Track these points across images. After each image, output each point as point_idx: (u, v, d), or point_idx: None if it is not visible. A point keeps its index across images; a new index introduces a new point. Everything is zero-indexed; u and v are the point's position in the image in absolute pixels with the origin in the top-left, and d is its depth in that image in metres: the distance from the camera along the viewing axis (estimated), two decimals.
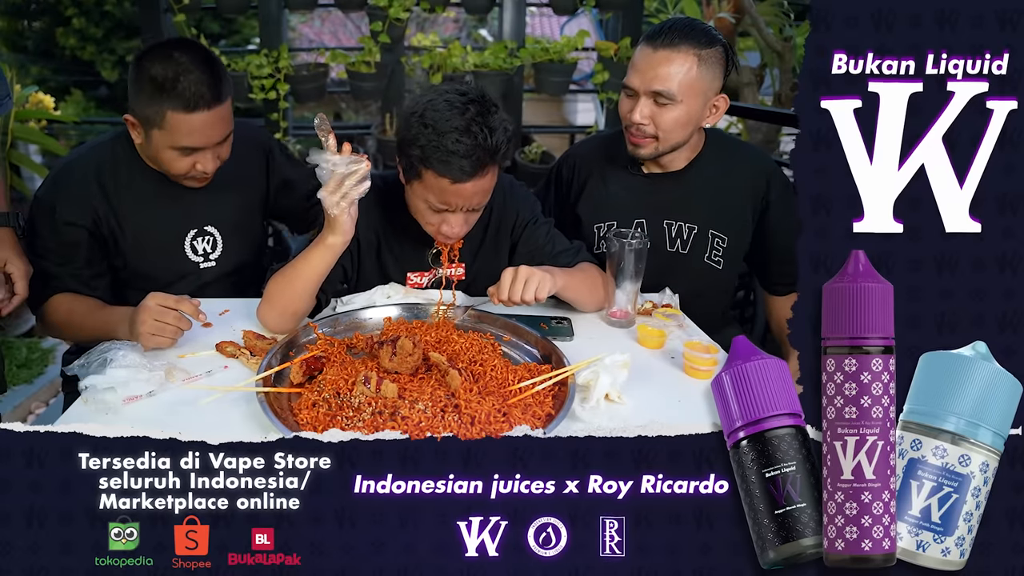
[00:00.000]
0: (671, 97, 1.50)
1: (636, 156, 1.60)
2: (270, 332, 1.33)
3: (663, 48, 1.50)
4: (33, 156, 3.80)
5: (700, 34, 1.51)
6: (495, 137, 1.25)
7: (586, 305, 1.47)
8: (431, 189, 1.28)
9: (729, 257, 1.66)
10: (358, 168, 1.21)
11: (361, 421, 1.01)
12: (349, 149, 1.22)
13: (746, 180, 1.64)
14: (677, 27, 1.52)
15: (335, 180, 1.21)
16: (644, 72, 1.51)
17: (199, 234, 1.55)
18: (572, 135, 4.55)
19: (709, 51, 1.51)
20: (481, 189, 1.29)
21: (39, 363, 3.19)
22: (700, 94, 1.52)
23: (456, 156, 1.23)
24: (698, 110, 1.54)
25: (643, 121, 1.53)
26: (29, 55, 6.53)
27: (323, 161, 1.21)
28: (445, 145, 1.23)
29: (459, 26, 7.08)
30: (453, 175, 1.24)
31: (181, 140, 1.36)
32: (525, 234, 1.52)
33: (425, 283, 1.51)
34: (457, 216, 1.32)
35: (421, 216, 1.35)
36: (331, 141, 1.21)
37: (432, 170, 1.26)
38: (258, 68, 3.01)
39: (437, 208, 1.31)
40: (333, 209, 1.23)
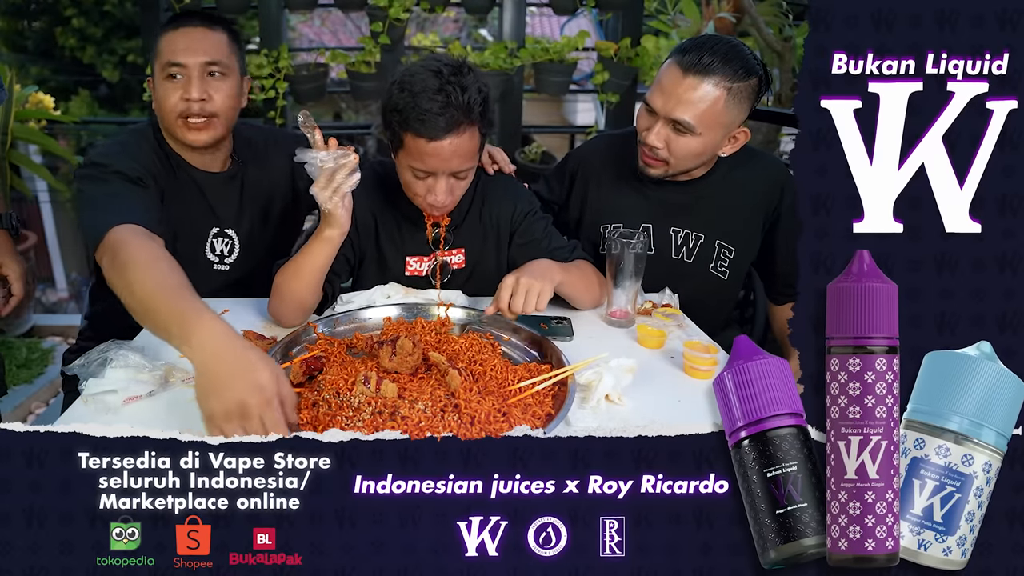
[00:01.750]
0: (690, 128, 1.42)
1: (645, 173, 1.56)
2: (283, 326, 1.36)
3: (693, 74, 1.40)
4: (33, 156, 3.80)
5: (738, 64, 1.40)
6: (467, 95, 1.27)
7: (582, 302, 1.48)
8: (412, 154, 1.31)
9: (735, 268, 1.63)
10: (347, 161, 1.23)
11: (361, 421, 1.01)
12: (335, 143, 1.24)
13: (759, 190, 1.60)
14: (715, 51, 1.40)
15: (325, 175, 1.23)
16: (668, 95, 1.42)
17: (220, 235, 1.56)
18: (572, 135, 4.54)
19: (742, 84, 1.41)
20: (460, 150, 1.30)
21: (39, 363, 3.20)
22: (722, 127, 1.44)
23: (431, 114, 1.26)
24: (716, 142, 1.47)
25: (658, 145, 1.47)
26: (29, 55, 6.53)
27: (311, 158, 1.23)
28: (420, 105, 1.26)
29: (459, 26, 7.07)
30: (429, 133, 1.27)
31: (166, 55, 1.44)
32: (523, 226, 1.53)
33: (425, 270, 1.52)
34: (441, 183, 1.34)
35: (409, 188, 1.38)
36: (317, 137, 1.23)
37: (411, 131, 1.29)
38: (258, 68, 3.01)
39: (421, 174, 1.33)
40: (327, 204, 1.25)
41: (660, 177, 1.55)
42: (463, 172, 1.35)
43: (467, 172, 1.36)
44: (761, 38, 3.28)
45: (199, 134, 1.47)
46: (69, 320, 3.81)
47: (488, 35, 6.46)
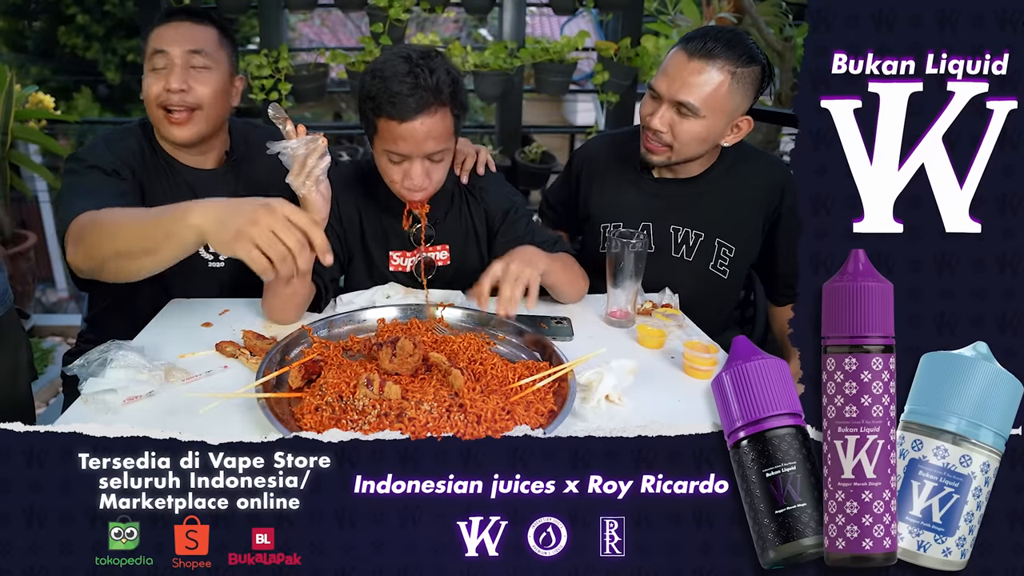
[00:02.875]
0: (694, 111, 1.44)
1: (648, 161, 1.57)
2: (275, 323, 1.37)
3: (698, 58, 1.43)
4: (33, 156, 3.80)
5: (741, 50, 1.43)
6: (436, 76, 1.30)
7: (566, 295, 1.49)
8: (386, 138, 1.34)
9: (735, 267, 1.64)
10: (316, 145, 1.26)
11: (367, 424, 1.00)
12: (304, 130, 1.27)
13: (759, 190, 1.60)
14: (719, 38, 1.44)
15: (298, 162, 1.27)
16: (673, 79, 1.45)
17: None
18: (572, 135, 4.55)
19: (746, 70, 1.44)
20: (433, 131, 1.32)
21: (39, 363, 3.19)
22: (725, 113, 1.46)
23: (401, 96, 1.29)
24: (719, 128, 1.49)
25: (662, 128, 1.49)
26: (29, 55, 6.53)
27: (282, 147, 1.27)
28: (391, 88, 1.29)
29: (459, 26, 7.08)
30: (400, 115, 1.30)
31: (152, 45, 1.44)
32: (505, 224, 1.55)
33: (408, 265, 1.54)
34: (416, 166, 1.35)
35: (387, 174, 1.40)
36: (288, 128, 1.27)
37: (383, 115, 1.31)
38: (258, 68, 3.01)
39: (396, 158, 1.35)
40: (301, 189, 1.28)
41: (663, 164, 1.55)
42: (438, 154, 1.36)
43: (442, 154, 1.37)
44: (761, 38, 3.28)
45: (181, 129, 1.46)
46: (69, 320, 3.81)
47: (488, 35, 6.47)
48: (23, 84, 3.65)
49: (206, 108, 1.46)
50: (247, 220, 0.97)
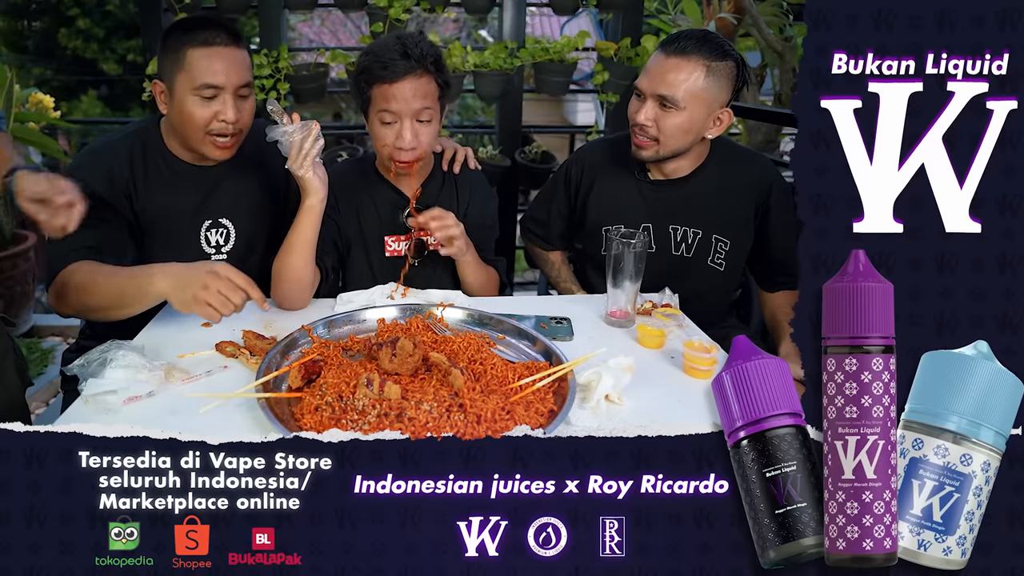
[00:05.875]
0: (675, 103, 1.55)
1: (638, 157, 1.65)
2: (286, 308, 1.47)
3: (674, 55, 1.55)
4: (33, 156, 3.80)
5: (713, 47, 1.56)
6: (421, 46, 1.47)
7: (471, 287, 1.63)
8: (378, 101, 1.48)
9: (732, 259, 1.72)
10: (310, 128, 1.37)
11: (367, 424, 1.00)
12: (298, 117, 1.38)
13: (748, 185, 1.70)
14: (692, 37, 1.57)
15: (295, 147, 1.37)
16: (653, 76, 1.57)
17: (214, 225, 1.58)
18: (572, 135, 4.54)
19: (719, 64, 1.55)
20: (420, 91, 1.47)
21: (39, 363, 3.19)
22: (704, 104, 1.57)
23: (392, 61, 1.45)
24: (701, 119, 1.59)
25: (647, 123, 1.59)
26: (29, 55, 6.53)
27: (279, 134, 1.37)
28: (381, 57, 1.46)
29: (459, 26, 7.08)
30: (391, 76, 1.45)
31: (201, 76, 1.42)
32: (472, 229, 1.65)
33: (403, 249, 1.63)
34: (406, 127, 1.48)
35: (380, 139, 1.52)
36: (285, 119, 1.36)
37: (376, 81, 1.47)
38: (258, 68, 3.00)
39: (389, 117, 1.48)
40: (299, 171, 1.39)
41: (652, 159, 1.64)
42: (425, 113, 1.49)
43: (430, 115, 1.50)
44: (762, 38, 3.28)
45: (225, 152, 1.50)
46: (69, 320, 3.80)
47: (488, 35, 6.47)
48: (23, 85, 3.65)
49: (245, 128, 1.51)
50: (200, 285, 1.23)
